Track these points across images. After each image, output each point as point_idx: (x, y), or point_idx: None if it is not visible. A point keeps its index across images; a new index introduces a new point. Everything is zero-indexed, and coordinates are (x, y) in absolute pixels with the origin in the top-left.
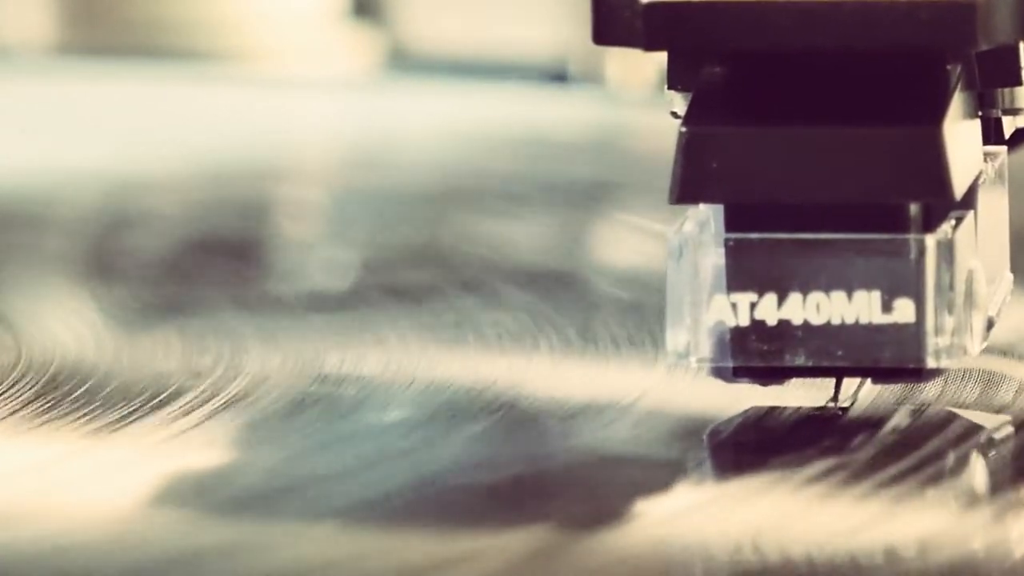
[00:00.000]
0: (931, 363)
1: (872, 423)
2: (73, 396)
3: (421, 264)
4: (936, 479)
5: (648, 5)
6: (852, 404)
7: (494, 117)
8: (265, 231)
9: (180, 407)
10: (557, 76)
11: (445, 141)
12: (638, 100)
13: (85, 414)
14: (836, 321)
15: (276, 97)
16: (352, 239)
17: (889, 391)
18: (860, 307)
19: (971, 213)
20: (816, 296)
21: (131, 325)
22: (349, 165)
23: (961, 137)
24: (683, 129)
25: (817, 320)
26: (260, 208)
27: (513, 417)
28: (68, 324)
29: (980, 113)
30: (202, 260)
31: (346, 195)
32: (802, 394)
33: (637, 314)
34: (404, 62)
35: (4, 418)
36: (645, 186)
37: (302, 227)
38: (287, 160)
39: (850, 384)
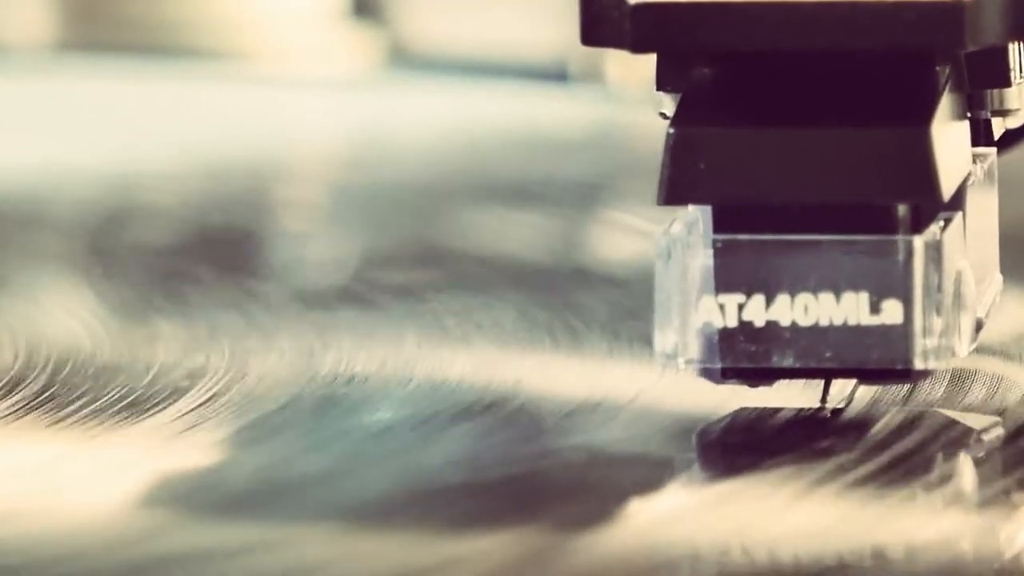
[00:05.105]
0: (919, 364)
1: (863, 424)
2: (72, 395)
3: (419, 262)
4: (926, 481)
5: (636, 6)
6: (847, 406)
7: (494, 116)
8: (264, 229)
9: (179, 406)
10: (557, 75)
11: (445, 140)
12: (638, 99)
13: (84, 413)
14: (824, 322)
15: (276, 96)
16: (350, 237)
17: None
18: (848, 308)
19: (960, 214)
20: (804, 297)
21: (130, 323)
22: (348, 164)
23: (950, 138)
24: (671, 130)
25: (805, 321)
26: (259, 206)
27: (510, 416)
28: (67, 322)
29: (969, 114)
30: (201, 258)
31: (345, 193)
32: (793, 395)
33: (631, 313)
34: (404, 62)
35: (4, 418)
36: (644, 185)
37: (301, 225)
38: (287, 159)
39: (845, 385)
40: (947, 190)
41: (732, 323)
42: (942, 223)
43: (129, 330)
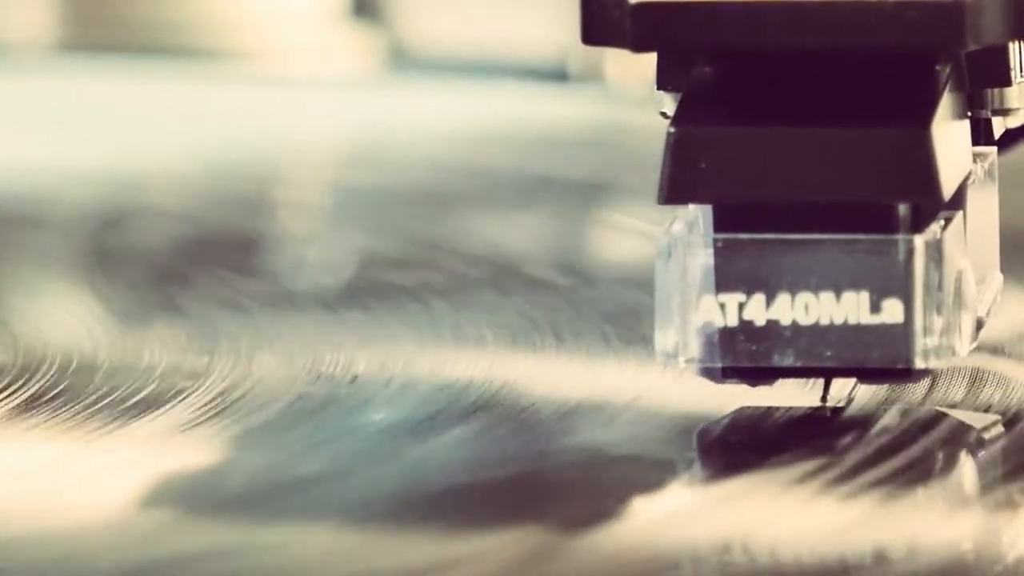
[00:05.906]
0: (919, 364)
1: (863, 423)
2: (72, 396)
3: (419, 262)
4: (926, 480)
5: (637, 5)
6: (847, 405)
7: (494, 116)
8: (265, 229)
9: (179, 407)
10: (557, 75)
11: (445, 140)
12: (638, 98)
13: (84, 414)
14: (824, 321)
15: (276, 96)
16: (351, 237)
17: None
18: (848, 307)
19: (960, 214)
20: (804, 296)
21: (131, 324)
22: (349, 164)
23: (950, 138)
24: (672, 129)
25: (805, 320)
26: (260, 206)
27: (511, 416)
28: (67, 323)
29: (969, 114)
30: (202, 258)
31: (345, 194)
32: (793, 394)
33: (631, 313)
34: (404, 62)
35: (4, 418)
36: (644, 185)
37: (302, 225)
38: (287, 159)
39: (844, 384)
40: (947, 189)
41: (732, 322)
42: (942, 222)
43: (129, 330)
